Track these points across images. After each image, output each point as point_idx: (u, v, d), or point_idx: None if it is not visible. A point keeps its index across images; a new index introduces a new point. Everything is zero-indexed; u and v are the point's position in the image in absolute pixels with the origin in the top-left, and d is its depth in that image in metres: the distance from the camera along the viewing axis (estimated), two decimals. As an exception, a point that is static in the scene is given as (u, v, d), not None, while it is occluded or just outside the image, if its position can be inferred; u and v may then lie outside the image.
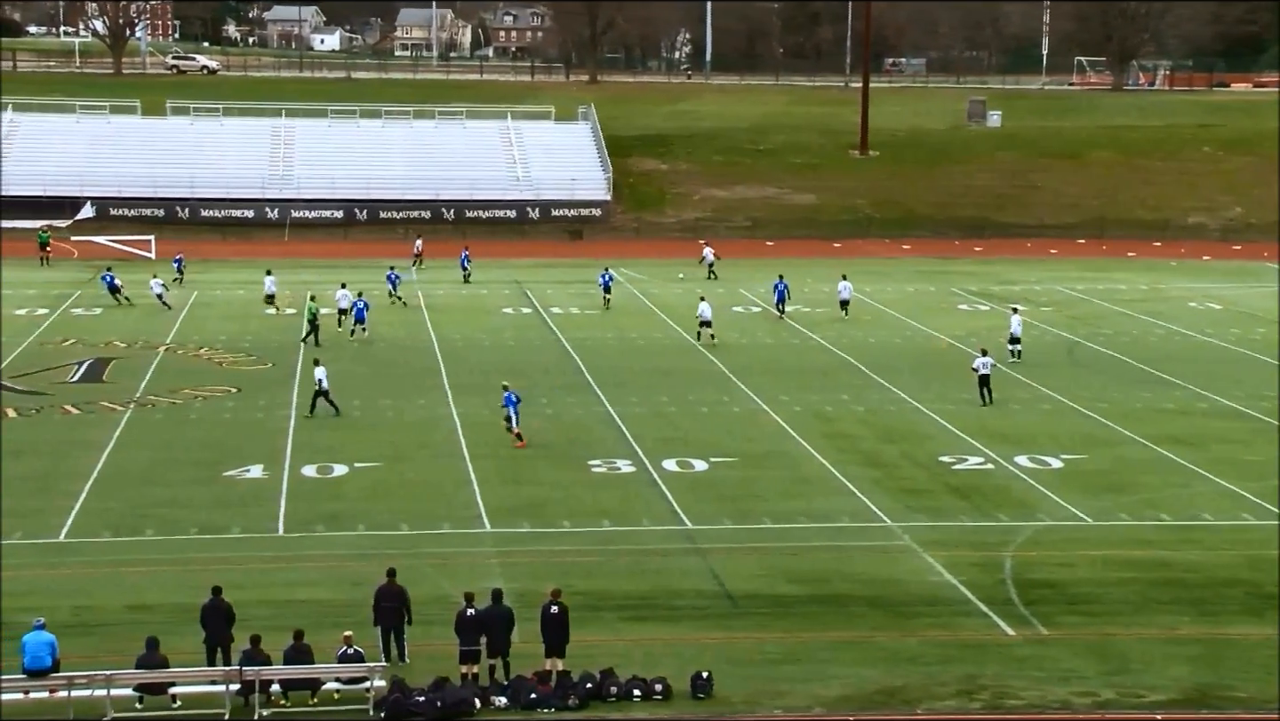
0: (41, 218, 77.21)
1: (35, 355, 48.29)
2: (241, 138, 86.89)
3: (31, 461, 36.13)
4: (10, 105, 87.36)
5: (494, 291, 63.11)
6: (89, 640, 24.76)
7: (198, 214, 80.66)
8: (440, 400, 43.61)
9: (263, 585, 27.40)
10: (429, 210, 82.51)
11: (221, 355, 49.10)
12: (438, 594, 26.72)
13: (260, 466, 36.06)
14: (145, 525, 31.61)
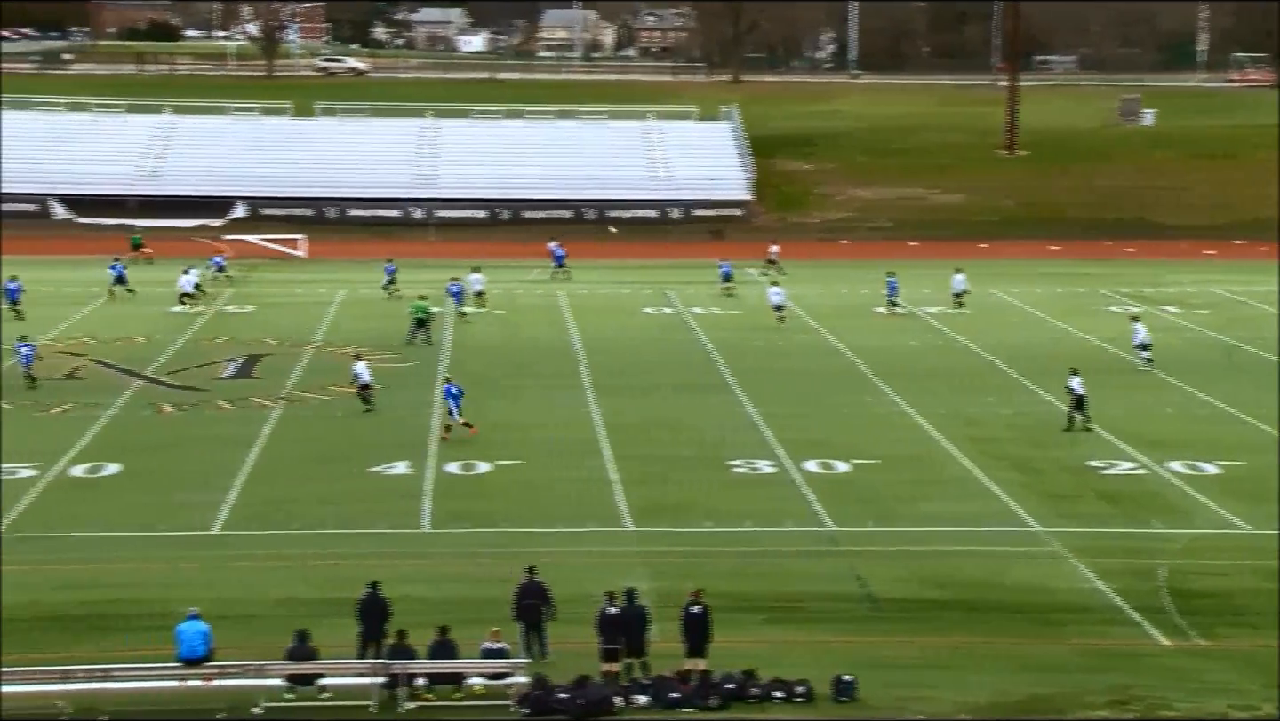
0: (195, 217, 79.21)
1: (190, 352, 49.42)
2: (388, 138, 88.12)
3: (187, 456, 36.97)
4: (169, 107, 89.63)
5: (635, 291, 63.24)
6: (240, 631, 25.24)
7: (345, 214, 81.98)
8: (581, 399, 43.79)
9: (407, 580, 27.69)
10: (571, 210, 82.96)
11: (368, 353, 49.79)
12: (579, 592, 26.80)
13: (405, 463, 36.51)
14: (294, 519, 32.17)
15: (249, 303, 59.32)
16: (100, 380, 44.98)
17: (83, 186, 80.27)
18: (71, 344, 49.97)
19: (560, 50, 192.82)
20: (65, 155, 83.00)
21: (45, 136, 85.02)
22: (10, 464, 35.38)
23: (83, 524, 31.47)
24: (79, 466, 35.71)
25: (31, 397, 42.19)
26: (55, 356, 47.99)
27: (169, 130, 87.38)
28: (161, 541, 30.58)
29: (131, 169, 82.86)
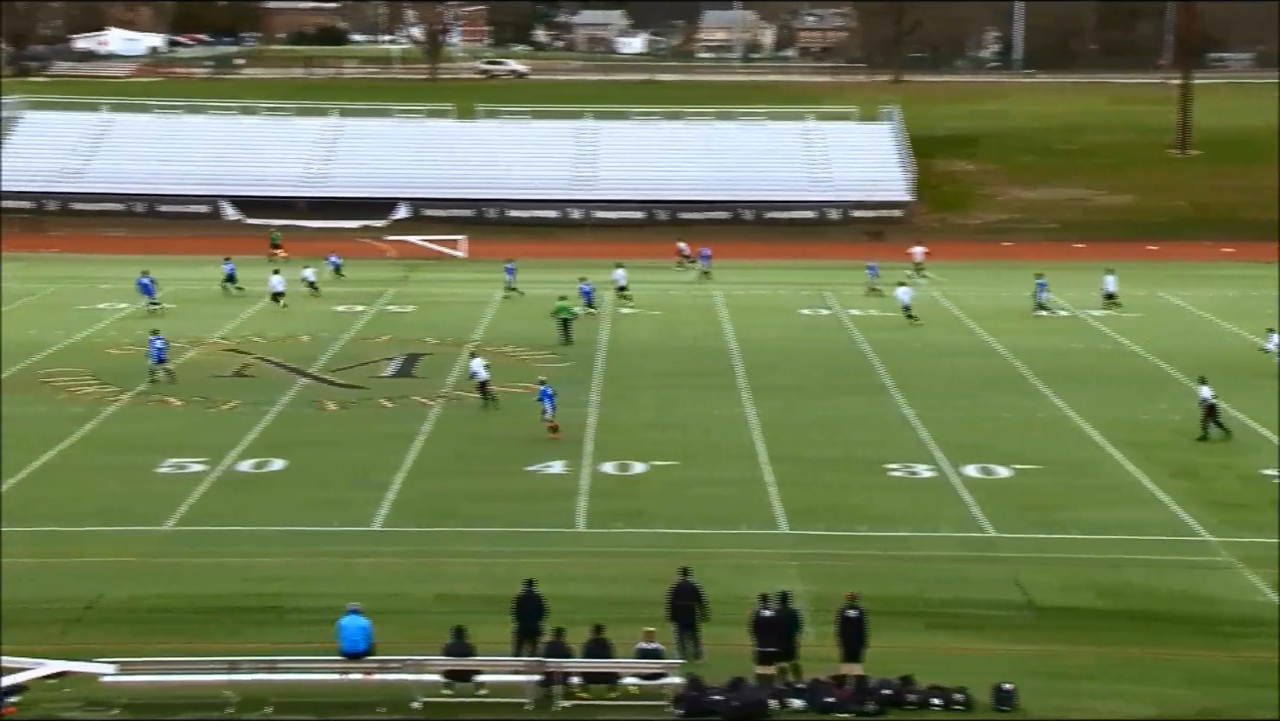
0: (359, 219, 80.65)
1: (353, 351, 50.29)
2: (547, 140, 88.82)
3: (349, 452, 37.61)
4: (336, 110, 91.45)
5: (792, 292, 62.88)
6: (400, 626, 25.55)
7: (505, 214, 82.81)
8: (736, 400, 43.63)
9: (563, 579, 27.81)
10: (728, 211, 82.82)
11: (526, 352, 50.24)
12: (734, 594, 26.66)
13: (561, 462, 36.70)
14: (452, 517, 32.52)
15: (410, 302, 60.19)
16: (267, 377, 45.98)
17: (252, 188, 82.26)
18: (239, 342, 51.18)
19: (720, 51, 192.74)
20: (236, 158, 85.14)
21: (218, 139, 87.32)
22: (181, 458, 36.33)
23: (248, 518, 32.17)
24: (246, 462, 36.52)
25: (199, 393, 43.27)
26: (224, 354, 49.20)
27: (335, 133, 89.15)
28: (324, 536, 31.13)
29: (299, 171, 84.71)
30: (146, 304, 56.02)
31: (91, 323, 53.62)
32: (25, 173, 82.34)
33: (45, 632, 25.49)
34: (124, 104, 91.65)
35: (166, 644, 24.76)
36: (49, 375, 45.10)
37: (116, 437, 38.62)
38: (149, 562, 29.37)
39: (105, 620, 26.39)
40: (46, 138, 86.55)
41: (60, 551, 29.81)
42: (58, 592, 27.48)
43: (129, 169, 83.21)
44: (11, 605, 26.73)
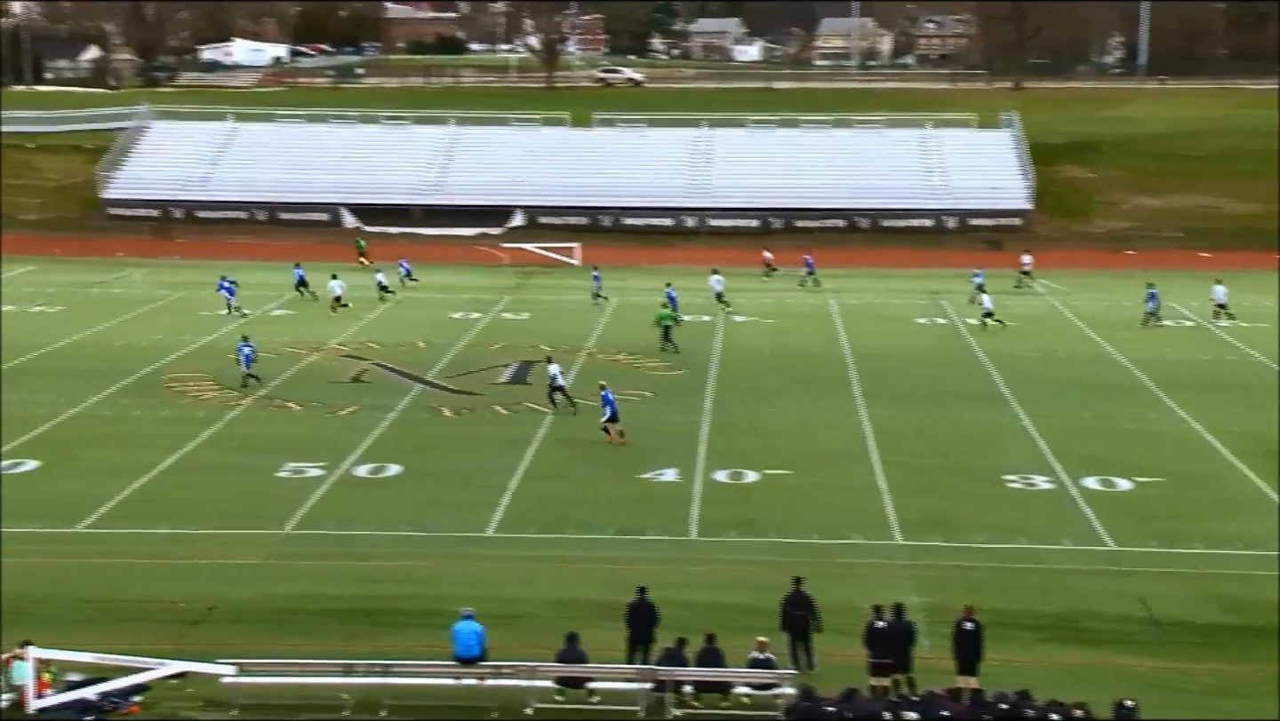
0: (475, 226, 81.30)
1: (468, 357, 50.67)
2: (663, 148, 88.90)
3: (464, 458, 37.89)
4: (453, 119, 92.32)
5: (908, 301, 62.31)
6: (513, 632, 25.66)
7: (620, 222, 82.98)
8: (851, 408, 43.31)
9: (675, 586, 27.76)
10: (844, 219, 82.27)
11: (639, 360, 50.29)
12: (847, 604, 26.44)
13: (674, 470, 36.66)
14: (566, 523, 32.61)
15: (524, 309, 60.56)
16: (384, 383, 46.47)
17: (370, 196, 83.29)
18: (357, 348, 51.80)
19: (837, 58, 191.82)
20: (356, 166, 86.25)
21: (338, 148, 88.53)
22: (300, 462, 36.83)
23: (365, 522, 32.50)
24: (363, 466, 36.93)
25: (318, 398, 43.83)
26: (342, 360, 49.83)
27: (452, 141, 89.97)
28: (438, 541, 31.37)
29: (416, 179, 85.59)
30: (231, 308, 57.19)
31: (214, 328, 54.59)
32: (152, 181, 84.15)
33: (168, 632, 25.95)
34: (248, 113, 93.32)
35: (284, 645, 25.08)
36: (173, 379, 45.98)
37: (238, 441, 39.25)
38: (268, 565, 29.81)
39: (226, 621, 26.81)
40: (173, 147, 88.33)
41: (183, 552, 30.34)
42: (181, 593, 27.96)
43: (252, 177, 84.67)
44: (135, 604, 27.29)
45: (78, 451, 37.68)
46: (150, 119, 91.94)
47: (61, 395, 43.08)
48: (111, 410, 41.92)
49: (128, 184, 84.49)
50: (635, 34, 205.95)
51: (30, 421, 40.23)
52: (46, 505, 33.03)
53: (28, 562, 29.40)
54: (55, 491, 34.14)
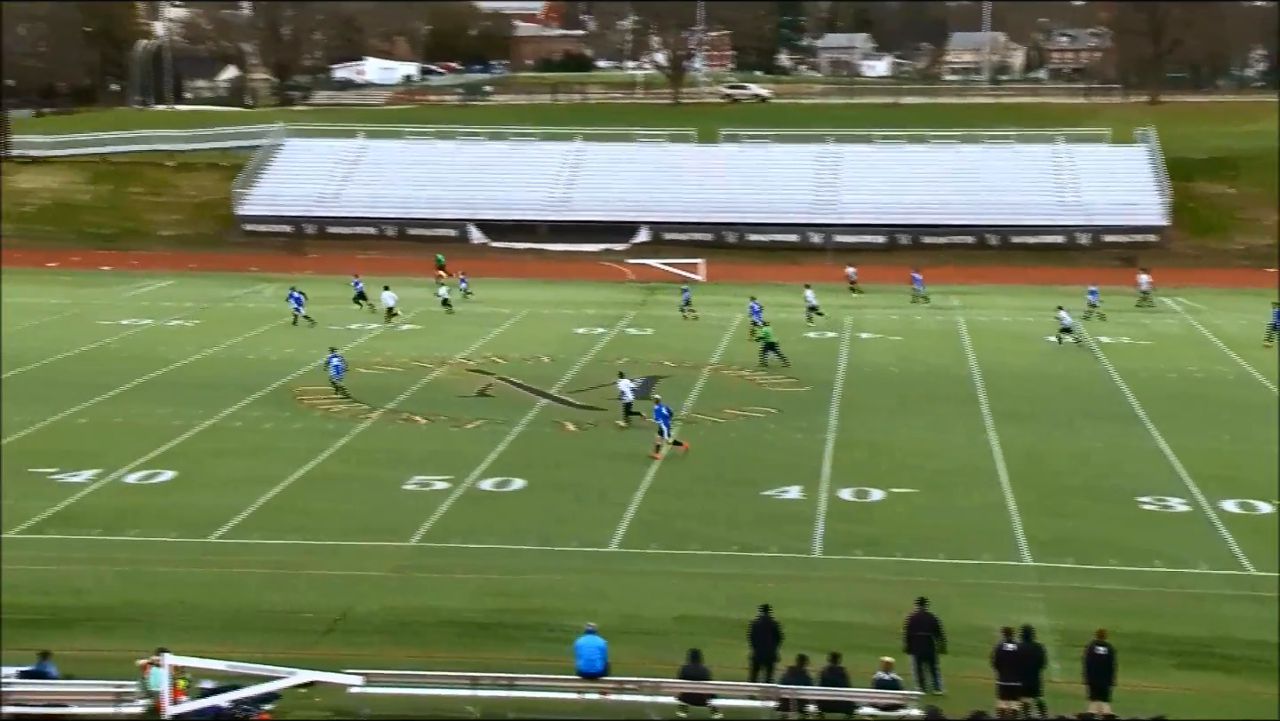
0: (600, 242, 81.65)
1: (593, 372, 50.83)
2: (789, 164, 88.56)
3: (587, 473, 37.97)
4: (580, 135, 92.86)
5: (1038, 318, 61.34)
6: (635, 647, 25.62)
7: (744, 238, 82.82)
8: (979, 427, 42.73)
9: (799, 604, 27.55)
10: (972, 235, 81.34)
11: (763, 376, 50.07)
12: (974, 625, 26.04)
13: (798, 487, 36.41)
14: (689, 539, 32.52)
15: (649, 325, 60.63)
16: (508, 398, 46.77)
17: (497, 212, 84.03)
18: (482, 362, 52.22)
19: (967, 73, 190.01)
20: (483, 182, 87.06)
21: (466, 164, 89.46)
22: (426, 475, 37.17)
23: (489, 535, 32.68)
24: (488, 480, 37.16)
25: (444, 412, 44.24)
26: (467, 374, 50.26)
27: (578, 157, 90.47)
28: (562, 555, 31.45)
29: (543, 195, 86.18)
30: (298, 318, 58.59)
31: (343, 342, 55.33)
32: (285, 197, 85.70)
33: (297, 641, 26.29)
34: (379, 130, 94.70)
35: (410, 656, 25.29)
36: (303, 392, 46.69)
37: (366, 454, 39.72)
38: (395, 576, 30.09)
39: (353, 631, 27.10)
40: (306, 164, 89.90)
41: (313, 563, 30.73)
42: (310, 603, 28.33)
43: (382, 193, 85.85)
44: (266, 613, 27.70)
45: (211, 462, 38.39)
46: (284, 137, 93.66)
47: (197, 407, 43.94)
48: (244, 422, 42.65)
49: (262, 200, 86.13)
50: (762, 50, 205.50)
51: (166, 433, 41.08)
52: (181, 515, 33.67)
53: (163, 571, 30.00)
54: (190, 502, 34.81)
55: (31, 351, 52.32)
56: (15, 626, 26.52)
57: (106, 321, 58.66)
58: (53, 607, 27.77)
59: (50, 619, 27.08)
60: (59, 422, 42.17)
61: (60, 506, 34.11)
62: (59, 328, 57.56)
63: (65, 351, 52.52)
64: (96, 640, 26.09)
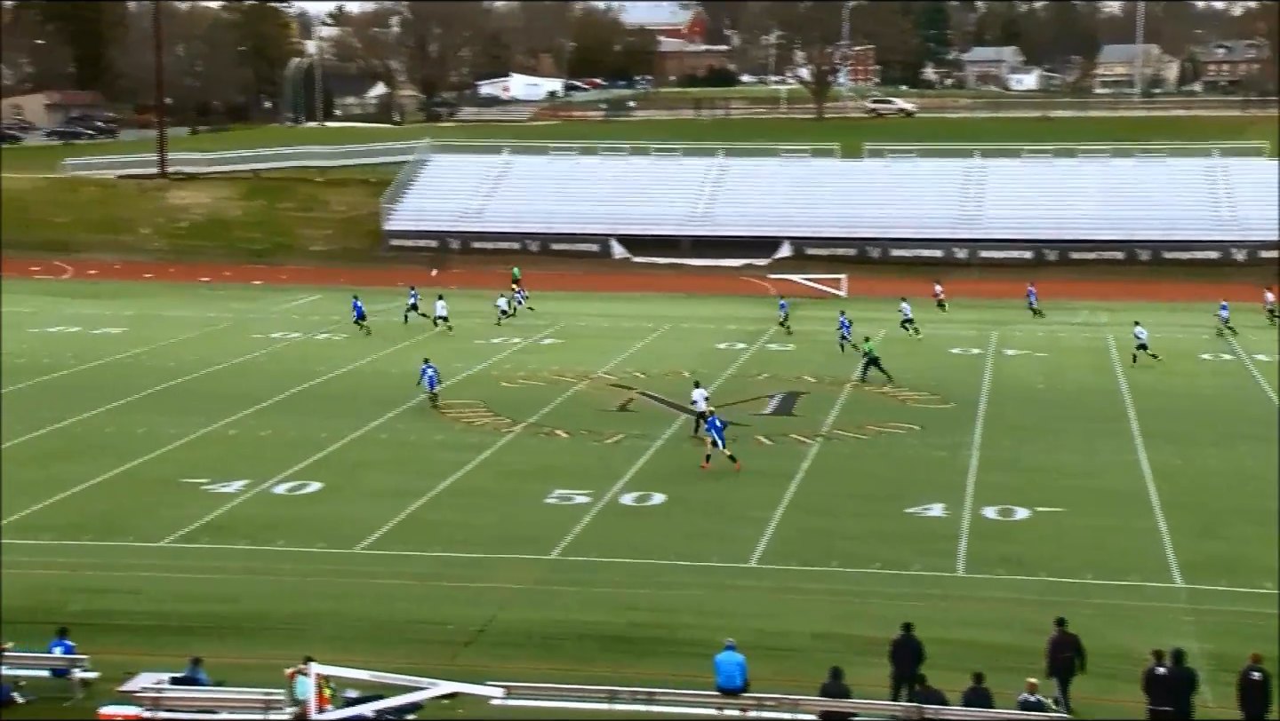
0: (742, 257, 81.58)
1: (734, 387, 50.75)
2: (934, 179, 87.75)
3: (728, 488, 37.86)
4: (722, 150, 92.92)
5: (1191, 335, 59.97)
6: (775, 664, 25.47)
7: (888, 254, 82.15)
8: (1128, 446, 41.84)
9: (941, 623, 27.18)
10: (1122, 251, 79.80)
11: (905, 393, 49.59)
12: (1122, 648, 25.46)
13: (941, 505, 35.96)
14: (830, 556, 32.28)
15: (790, 340, 60.38)
16: (649, 412, 46.87)
17: (639, 227, 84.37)
18: (623, 377, 52.41)
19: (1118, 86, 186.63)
20: (626, 198, 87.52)
21: (609, 180, 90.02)
22: (567, 489, 37.38)
23: (629, 550, 32.74)
24: (628, 495, 37.24)
25: (586, 426, 44.45)
26: (609, 389, 50.47)
27: (721, 172, 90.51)
28: (701, 570, 31.40)
29: (685, 210, 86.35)
30: (360, 325, 60.27)
31: (486, 356, 55.97)
32: (431, 212, 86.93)
33: (439, 652, 26.55)
34: (523, 146, 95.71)
35: (551, 669, 25.41)
36: (447, 405, 47.25)
37: (508, 467, 40.06)
38: (536, 589, 30.27)
39: (495, 643, 27.30)
40: (451, 179, 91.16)
41: (455, 575, 31.04)
42: (452, 614, 28.60)
43: (525, 208, 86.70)
44: (409, 624, 28.03)
45: (357, 474, 39.00)
46: (430, 153, 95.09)
47: (343, 420, 44.70)
48: (389, 435, 43.27)
49: (408, 216, 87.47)
50: (907, 64, 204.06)
51: (314, 444, 41.85)
52: (327, 526, 34.25)
53: (310, 581, 30.53)
54: (335, 513, 35.38)
55: (186, 364, 53.68)
56: (168, 633, 27.24)
57: (257, 335, 59.97)
58: (204, 615, 28.40)
59: (201, 626, 27.71)
60: (210, 434, 43.19)
61: (211, 516, 34.90)
62: (212, 340, 58.99)
63: (218, 364, 53.80)
64: (245, 647, 26.63)
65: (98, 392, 48.11)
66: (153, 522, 34.23)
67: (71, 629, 25.27)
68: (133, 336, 59.50)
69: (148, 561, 31.58)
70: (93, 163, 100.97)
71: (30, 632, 25.79)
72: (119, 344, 57.77)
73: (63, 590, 29.60)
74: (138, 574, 30.76)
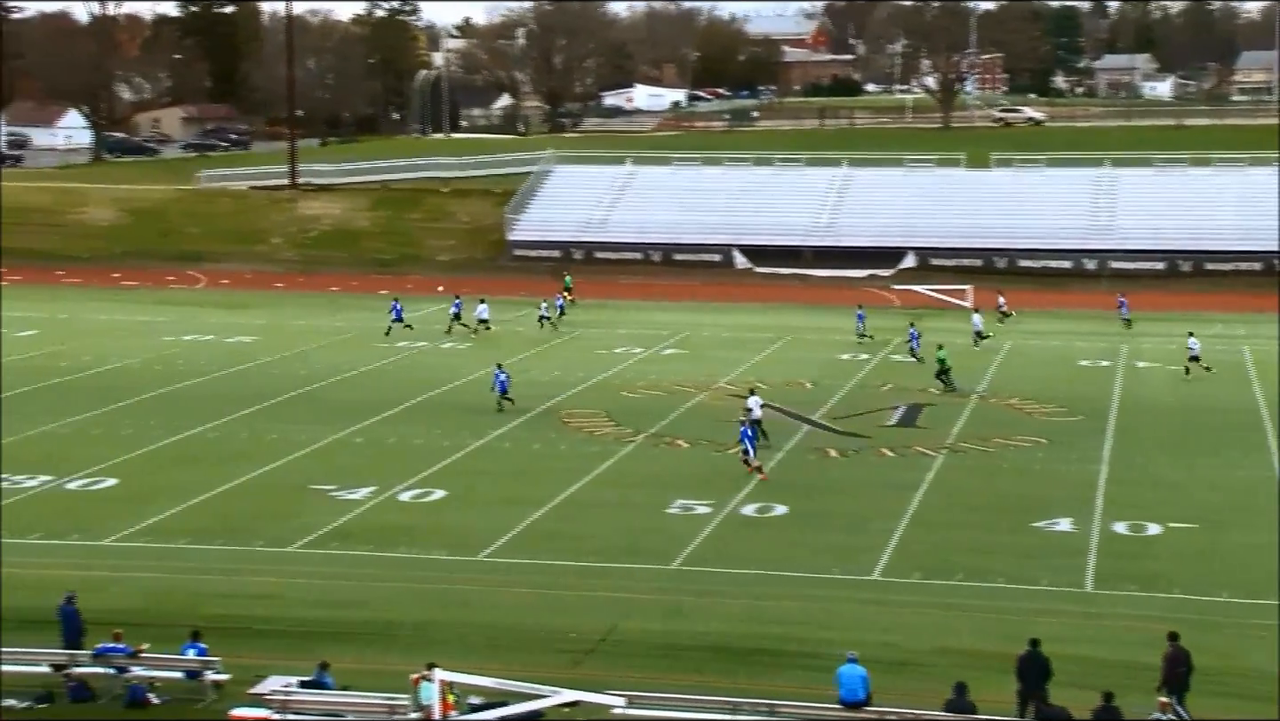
0: (865, 268, 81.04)
1: (856, 398, 50.38)
2: (1063, 188, 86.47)
3: (850, 500, 37.62)
4: (846, 160, 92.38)
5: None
6: (898, 678, 25.22)
7: (1015, 264, 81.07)
8: (1265, 461, 40.85)
9: (1069, 640, 26.69)
10: (1260, 262, 77.99)
11: (1032, 405, 48.89)
12: (1258, 668, 24.85)
13: (1069, 520, 35.37)
14: (954, 569, 31.90)
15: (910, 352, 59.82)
16: (771, 423, 46.66)
17: (762, 237, 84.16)
18: (745, 387, 52.22)
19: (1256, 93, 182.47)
20: (748, 208, 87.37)
21: (732, 190, 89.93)
22: (688, 499, 37.35)
23: (751, 561, 32.59)
24: (749, 506, 37.10)
25: (707, 436, 44.41)
26: (730, 399, 50.35)
27: (844, 182, 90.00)
28: (823, 582, 31.19)
29: (808, 220, 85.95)
30: (400, 326, 62.17)
31: (608, 366, 56.15)
32: (554, 223, 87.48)
33: (560, 661, 26.64)
34: (646, 157, 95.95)
35: (672, 680, 25.38)
36: (569, 415, 47.48)
37: (630, 476, 40.13)
38: (657, 599, 30.27)
39: (616, 653, 27.32)
40: (574, 190, 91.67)
41: (576, 584, 31.15)
42: (573, 623, 28.68)
43: (648, 219, 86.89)
44: (530, 632, 28.16)
45: (480, 483, 39.31)
46: (554, 164, 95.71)
47: (466, 428, 45.11)
48: (512, 443, 43.59)
49: (531, 226, 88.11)
50: (1037, 72, 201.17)
51: (437, 453, 42.27)
52: (451, 534, 34.56)
53: (434, 588, 30.81)
54: (459, 521, 35.70)
55: (315, 372, 54.56)
56: (296, 637, 27.66)
57: (383, 344, 60.76)
58: (331, 620, 28.79)
59: (328, 631, 28.09)
60: (338, 441, 43.81)
61: (339, 522, 35.39)
62: (340, 349, 59.88)
63: (345, 372, 54.59)
64: (371, 653, 26.93)
65: (231, 400, 49.06)
66: (282, 528, 34.81)
67: (203, 632, 25.77)
68: (264, 345, 60.61)
69: (277, 566, 32.10)
70: (226, 174, 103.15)
71: (164, 635, 26.34)
72: (251, 352, 58.88)
73: (195, 593, 30.19)
74: (267, 578, 31.29)
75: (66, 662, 25.13)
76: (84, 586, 27.96)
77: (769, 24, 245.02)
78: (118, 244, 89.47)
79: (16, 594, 29.46)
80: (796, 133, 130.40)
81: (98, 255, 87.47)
